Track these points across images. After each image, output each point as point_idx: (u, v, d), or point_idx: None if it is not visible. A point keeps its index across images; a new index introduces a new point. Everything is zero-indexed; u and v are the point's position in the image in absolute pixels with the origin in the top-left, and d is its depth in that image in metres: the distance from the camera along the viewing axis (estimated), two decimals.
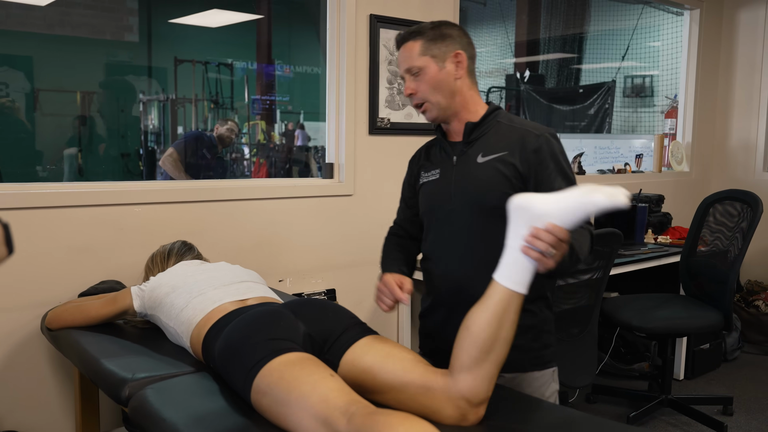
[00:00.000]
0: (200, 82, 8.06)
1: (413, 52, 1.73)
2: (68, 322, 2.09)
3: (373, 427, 1.26)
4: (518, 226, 1.46)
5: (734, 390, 3.66)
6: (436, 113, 1.77)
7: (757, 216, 3.08)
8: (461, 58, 1.74)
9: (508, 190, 1.67)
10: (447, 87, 1.74)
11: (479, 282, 1.66)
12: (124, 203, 2.50)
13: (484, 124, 1.78)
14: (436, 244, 1.86)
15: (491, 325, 1.46)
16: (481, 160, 1.75)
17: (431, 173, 1.86)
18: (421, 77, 1.73)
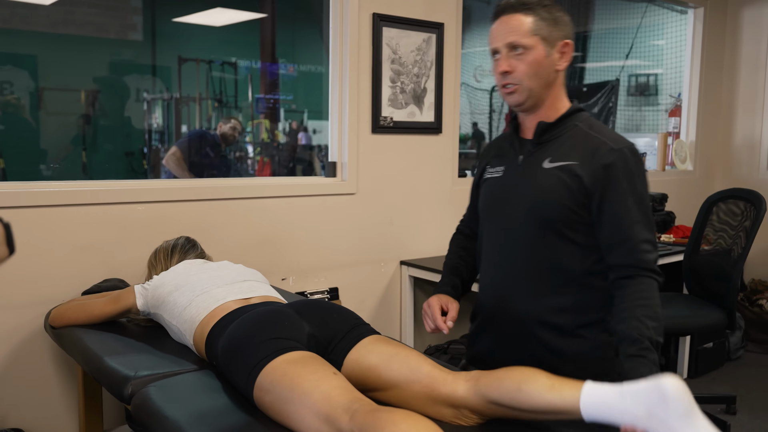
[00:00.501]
0: (204, 81, 8.08)
1: (523, 26, 1.56)
2: (72, 320, 2.10)
3: (375, 423, 1.27)
4: (647, 400, 1.28)
5: (738, 389, 3.65)
6: (524, 99, 1.60)
7: (760, 215, 3.07)
8: (568, 49, 1.61)
9: (569, 204, 1.56)
10: (545, 75, 1.59)
11: (520, 298, 1.64)
12: (127, 201, 2.51)
13: (559, 126, 1.63)
14: (487, 249, 1.74)
15: (536, 407, 1.40)
16: (548, 166, 1.60)
17: (496, 170, 1.73)
18: (523, 57, 1.56)
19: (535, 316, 1.63)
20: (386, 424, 1.25)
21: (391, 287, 3.28)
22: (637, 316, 1.48)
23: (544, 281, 1.61)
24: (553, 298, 1.61)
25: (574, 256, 1.59)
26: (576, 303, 1.61)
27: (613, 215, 1.55)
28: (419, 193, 3.34)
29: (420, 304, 3.42)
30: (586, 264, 1.60)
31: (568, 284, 1.61)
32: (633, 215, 1.54)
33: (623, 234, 1.54)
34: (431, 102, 3.29)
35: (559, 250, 1.59)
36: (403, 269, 3.29)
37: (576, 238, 1.59)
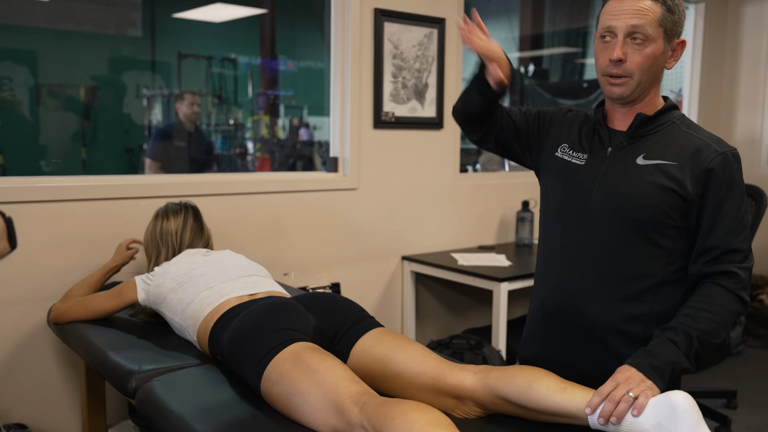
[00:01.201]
0: (204, 77, 8.07)
1: (652, 13, 1.42)
2: (74, 318, 2.09)
3: (386, 414, 1.28)
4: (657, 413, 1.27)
5: (738, 384, 3.65)
6: (629, 92, 1.48)
7: (762, 210, 3.07)
8: (681, 48, 1.50)
9: (664, 206, 1.46)
10: (656, 72, 1.48)
11: (593, 300, 1.53)
12: (129, 197, 2.51)
13: (656, 120, 1.52)
14: (559, 245, 1.61)
15: (544, 407, 1.39)
16: (642, 163, 1.48)
17: (577, 155, 1.59)
18: (641, 48, 1.44)
19: (608, 321, 1.53)
20: (396, 414, 1.26)
21: (392, 283, 3.28)
22: (692, 315, 1.41)
23: (622, 286, 1.51)
24: (630, 304, 1.51)
25: (657, 261, 1.49)
26: (651, 312, 1.51)
27: (706, 222, 1.45)
28: (421, 189, 3.33)
29: (422, 299, 3.43)
30: (668, 271, 1.50)
31: (647, 291, 1.51)
32: (727, 222, 1.44)
33: (714, 242, 1.45)
34: (433, 97, 3.29)
35: (643, 254, 1.49)
36: (405, 264, 3.29)
37: (662, 243, 1.49)
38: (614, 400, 1.30)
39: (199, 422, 1.48)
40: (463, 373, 1.53)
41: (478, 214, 3.57)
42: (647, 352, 1.39)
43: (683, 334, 1.38)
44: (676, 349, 1.37)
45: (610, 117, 1.58)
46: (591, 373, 1.52)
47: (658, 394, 1.31)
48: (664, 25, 1.44)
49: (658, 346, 1.39)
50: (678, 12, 1.47)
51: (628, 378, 1.33)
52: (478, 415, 1.52)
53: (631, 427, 1.30)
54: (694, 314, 1.40)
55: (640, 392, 1.30)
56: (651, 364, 1.36)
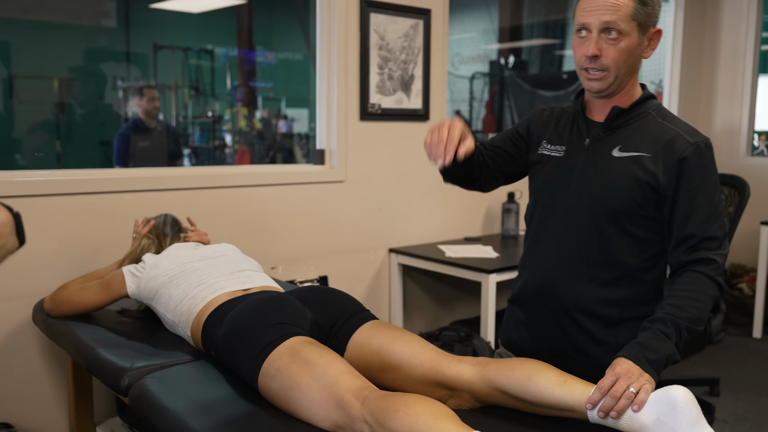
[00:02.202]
0: (180, 69, 7.97)
1: (625, 9, 1.44)
2: (66, 312, 2.06)
3: (389, 407, 1.27)
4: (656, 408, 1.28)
5: (720, 371, 3.71)
6: (607, 86, 1.51)
7: (744, 200, 3.11)
8: (657, 37, 1.52)
9: (638, 198, 1.50)
10: (632, 63, 1.50)
11: (570, 285, 1.59)
12: (114, 191, 2.47)
13: (631, 112, 1.55)
14: (539, 232, 1.66)
15: (543, 400, 1.39)
16: (618, 155, 1.52)
17: (556, 148, 1.63)
18: (616, 43, 1.46)
19: (584, 305, 1.58)
20: (400, 407, 1.26)
21: (380, 275, 3.28)
22: (678, 304, 1.43)
23: (598, 272, 1.56)
24: (605, 289, 1.56)
25: (631, 249, 1.54)
26: (626, 296, 1.56)
27: (682, 211, 1.49)
28: (407, 181, 3.33)
29: (409, 291, 3.42)
30: (640, 259, 1.55)
31: (622, 278, 1.55)
32: (702, 211, 1.48)
33: (691, 230, 1.48)
34: (419, 89, 3.28)
35: (618, 242, 1.53)
36: (392, 257, 3.28)
37: (635, 233, 1.53)
38: (615, 396, 1.30)
39: (196, 419, 1.46)
40: (461, 364, 1.53)
41: (464, 206, 3.57)
42: (642, 345, 1.39)
43: (673, 325, 1.40)
44: (669, 342, 1.39)
45: (589, 107, 1.61)
46: (568, 355, 1.59)
47: (655, 387, 1.33)
48: (637, 19, 1.46)
49: (651, 339, 1.39)
50: (651, 3, 1.48)
51: (628, 371, 1.34)
52: (471, 407, 1.52)
53: (630, 422, 1.30)
54: (679, 303, 1.43)
55: (640, 387, 1.31)
56: (647, 357, 1.37)
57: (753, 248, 4.58)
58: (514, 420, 1.46)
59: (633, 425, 1.30)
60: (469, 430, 1.23)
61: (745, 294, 4.46)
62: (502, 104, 6.94)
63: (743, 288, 4.49)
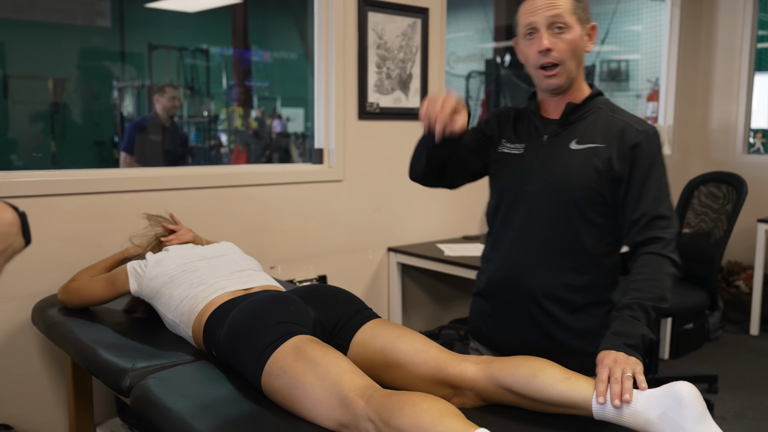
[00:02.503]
0: (175, 69, 7.95)
1: (565, 5, 1.56)
2: (76, 304, 2.09)
3: (394, 405, 1.26)
4: (661, 403, 1.29)
5: (718, 368, 3.72)
6: (563, 80, 1.60)
7: (742, 197, 3.13)
8: (594, 32, 1.64)
9: (596, 186, 1.59)
10: (579, 56, 1.60)
11: (536, 273, 1.66)
12: (112, 191, 2.46)
13: (584, 107, 1.65)
14: (504, 226, 1.74)
15: (547, 397, 1.39)
16: (575, 147, 1.62)
17: (515, 146, 1.71)
18: (563, 36, 1.56)
19: (550, 292, 1.66)
20: (405, 405, 1.25)
21: (378, 274, 3.27)
22: (639, 288, 1.51)
23: (562, 259, 1.64)
24: (569, 276, 1.64)
25: (593, 236, 1.63)
26: (590, 282, 1.65)
27: (633, 194, 1.58)
28: (405, 180, 3.28)
29: (408, 291, 3.42)
30: (601, 245, 1.64)
31: (585, 264, 1.64)
32: (652, 193, 1.58)
33: (642, 210, 1.57)
34: (417, 87, 3.28)
35: (581, 230, 1.62)
36: (391, 256, 3.28)
37: (596, 220, 1.62)
38: (618, 380, 1.33)
39: (199, 420, 1.45)
40: (464, 363, 1.52)
41: (462, 205, 3.57)
42: (617, 334, 1.44)
43: (639, 308, 1.47)
44: (639, 323, 1.46)
45: (543, 107, 1.70)
46: (536, 342, 1.68)
47: (656, 385, 1.35)
48: (576, 13, 1.57)
49: (623, 325, 1.46)
50: (584, 1, 1.61)
51: (616, 360, 1.38)
52: (475, 405, 1.52)
53: (635, 417, 1.31)
54: (640, 286, 1.50)
55: (633, 369, 1.35)
56: (625, 343, 1.43)
57: (750, 246, 4.59)
58: (519, 418, 1.46)
59: (638, 420, 1.30)
60: (474, 427, 1.22)
61: (742, 291, 4.48)
62: (498, 103, 6.95)
63: (740, 285, 4.50)
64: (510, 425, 1.44)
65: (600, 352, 1.43)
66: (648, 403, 1.30)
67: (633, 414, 1.31)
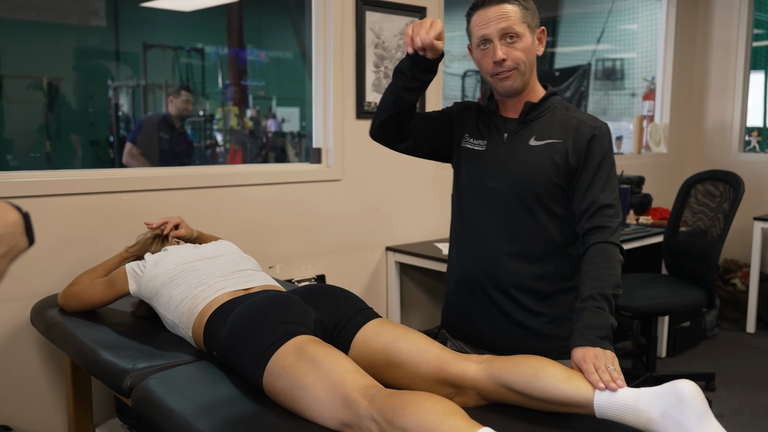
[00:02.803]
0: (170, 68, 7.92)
1: (515, 15, 1.65)
2: (76, 307, 2.08)
3: (397, 404, 1.26)
4: (663, 401, 1.30)
5: (715, 366, 3.74)
6: (518, 84, 1.69)
7: (738, 196, 3.14)
8: (543, 36, 1.73)
9: (555, 179, 1.68)
10: (532, 61, 1.69)
11: (505, 264, 1.75)
12: (111, 191, 2.45)
13: (541, 106, 1.73)
14: (473, 219, 1.80)
15: (549, 396, 1.41)
16: (534, 143, 1.71)
17: (478, 143, 1.79)
18: (516, 44, 1.65)
19: (519, 282, 1.74)
20: (409, 404, 1.25)
21: (377, 273, 3.27)
22: (597, 277, 1.58)
23: (527, 250, 1.73)
24: (536, 266, 1.73)
25: (555, 227, 1.72)
26: (555, 270, 1.74)
27: (583, 184, 1.68)
28: (404, 179, 3.32)
29: (406, 290, 3.42)
30: (564, 234, 1.73)
31: (550, 253, 1.73)
32: (600, 184, 1.67)
33: (590, 199, 1.66)
34: None
35: (543, 221, 1.71)
36: (389, 255, 3.28)
37: (558, 211, 1.72)
38: (605, 371, 1.39)
39: (200, 420, 1.45)
40: (466, 362, 1.53)
41: None
42: (587, 326, 1.50)
43: (602, 298, 1.54)
44: (605, 314, 1.53)
45: (501, 107, 1.79)
46: (510, 330, 1.76)
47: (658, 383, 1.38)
48: (526, 21, 1.66)
49: (592, 317, 1.52)
50: (531, 7, 1.70)
51: (595, 355, 1.44)
52: (476, 404, 1.52)
53: (638, 416, 1.32)
54: (598, 276, 1.57)
55: (612, 363, 1.42)
56: (598, 335, 1.49)
57: (746, 244, 4.61)
58: (521, 417, 1.46)
59: (640, 419, 1.32)
60: (477, 426, 1.23)
61: (738, 289, 4.49)
62: None
63: (736, 283, 4.52)
64: (512, 424, 1.45)
65: (576, 347, 1.48)
66: (650, 402, 1.31)
67: (635, 412, 1.32)
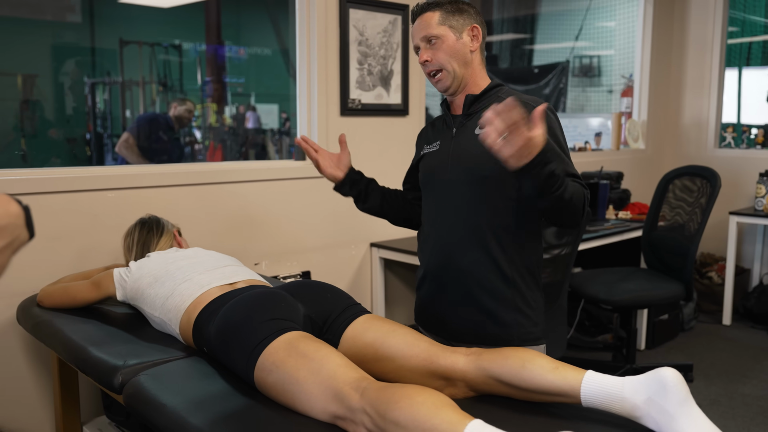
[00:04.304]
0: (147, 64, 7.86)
1: (432, 21, 1.78)
2: (57, 303, 2.08)
3: (389, 398, 1.28)
4: (647, 388, 1.34)
5: (692, 358, 3.81)
6: (450, 82, 1.79)
7: (715, 191, 3.20)
8: (477, 32, 1.80)
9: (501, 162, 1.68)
10: (462, 56, 1.78)
11: (465, 252, 1.81)
12: (96, 189, 2.44)
13: (484, 97, 1.81)
14: (431, 214, 1.90)
15: (537, 386, 1.44)
16: (479, 132, 1.75)
17: (432, 145, 1.90)
18: (438, 45, 1.77)
19: (478, 271, 1.79)
20: (401, 398, 1.27)
21: (362, 269, 3.29)
22: None
23: (485, 236, 1.78)
24: (494, 253, 1.78)
25: (509, 211, 1.76)
26: (514, 256, 1.78)
27: None
28: (388, 175, 3.33)
29: (391, 285, 3.45)
30: (518, 217, 1.77)
31: (505, 236, 1.78)
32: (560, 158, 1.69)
33: None
34: (398, 84, 3.30)
35: (498, 207, 1.76)
36: (374, 251, 3.30)
37: (511, 194, 1.75)
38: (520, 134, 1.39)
39: (194, 415, 1.46)
40: (455, 355, 1.56)
41: None
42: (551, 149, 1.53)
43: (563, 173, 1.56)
44: (561, 166, 1.56)
45: (452, 107, 1.89)
46: (475, 317, 1.81)
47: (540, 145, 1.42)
48: (446, 23, 1.77)
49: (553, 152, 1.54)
50: (456, 9, 1.79)
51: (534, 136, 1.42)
52: (466, 396, 1.55)
53: (622, 403, 1.36)
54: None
55: (530, 146, 1.40)
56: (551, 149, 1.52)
57: (722, 238, 4.71)
58: (510, 407, 1.49)
59: (625, 406, 1.36)
60: (469, 418, 1.25)
61: (714, 282, 4.58)
62: None
63: (713, 277, 4.61)
64: (502, 414, 1.47)
65: None
66: (634, 389, 1.35)
67: (620, 400, 1.36)
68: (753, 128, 5.01)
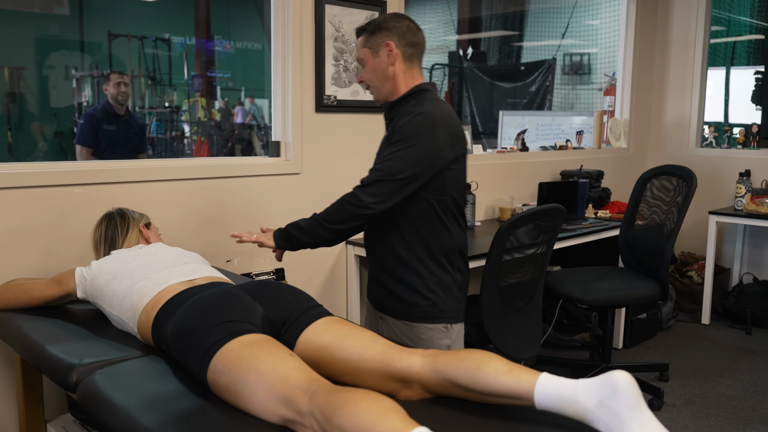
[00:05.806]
0: (136, 58, 7.82)
1: (359, 45, 2.06)
2: (11, 302, 2.04)
3: (335, 403, 1.27)
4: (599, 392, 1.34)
5: (669, 357, 3.82)
6: (376, 95, 2.09)
7: (692, 190, 3.20)
8: (391, 47, 2.00)
9: None
10: (381, 73, 2.03)
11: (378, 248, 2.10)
12: (63, 184, 2.42)
13: (398, 105, 2.04)
14: None
15: (491, 389, 1.44)
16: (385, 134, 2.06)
17: None
18: (364, 65, 2.06)
19: (384, 259, 2.09)
20: (346, 403, 1.26)
21: (337, 266, 3.28)
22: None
23: (387, 229, 2.05)
24: (394, 240, 2.04)
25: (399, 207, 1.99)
26: (407, 242, 2.03)
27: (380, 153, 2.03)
28: (363, 172, 3.29)
29: (365, 282, 3.43)
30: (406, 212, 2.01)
31: (398, 228, 2.03)
32: (385, 153, 1.97)
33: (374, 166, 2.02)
34: None
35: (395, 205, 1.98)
36: (349, 248, 3.29)
37: None
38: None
39: (145, 415, 1.45)
40: (411, 357, 1.55)
41: None
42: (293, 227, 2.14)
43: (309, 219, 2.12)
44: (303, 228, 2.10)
45: None
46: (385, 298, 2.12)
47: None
48: (366, 45, 2.03)
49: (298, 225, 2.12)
50: (377, 29, 2.01)
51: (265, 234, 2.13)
52: (422, 398, 1.54)
53: (575, 407, 1.35)
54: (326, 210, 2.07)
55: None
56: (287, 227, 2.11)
57: (702, 237, 4.71)
58: (464, 409, 1.49)
59: (577, 409, 1.35)
60: (414, 425, 1.24)
61: (694, 282, 4.59)
62: (462, 95, 6.99)
63: (692, 276, 4.61)
64: (456, 416, 1.47)
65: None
66: (587, 393, 1.35)
67: (573, 403, 1.35)
68: (734, 128, 5.01)
